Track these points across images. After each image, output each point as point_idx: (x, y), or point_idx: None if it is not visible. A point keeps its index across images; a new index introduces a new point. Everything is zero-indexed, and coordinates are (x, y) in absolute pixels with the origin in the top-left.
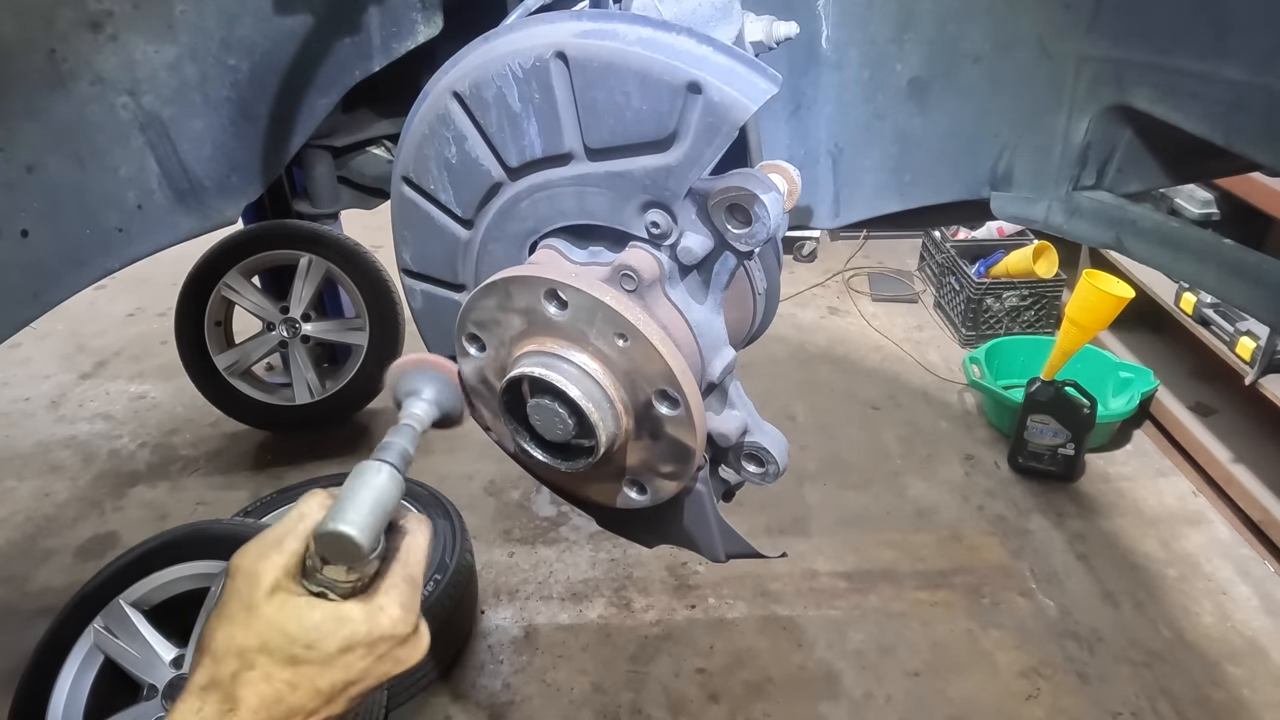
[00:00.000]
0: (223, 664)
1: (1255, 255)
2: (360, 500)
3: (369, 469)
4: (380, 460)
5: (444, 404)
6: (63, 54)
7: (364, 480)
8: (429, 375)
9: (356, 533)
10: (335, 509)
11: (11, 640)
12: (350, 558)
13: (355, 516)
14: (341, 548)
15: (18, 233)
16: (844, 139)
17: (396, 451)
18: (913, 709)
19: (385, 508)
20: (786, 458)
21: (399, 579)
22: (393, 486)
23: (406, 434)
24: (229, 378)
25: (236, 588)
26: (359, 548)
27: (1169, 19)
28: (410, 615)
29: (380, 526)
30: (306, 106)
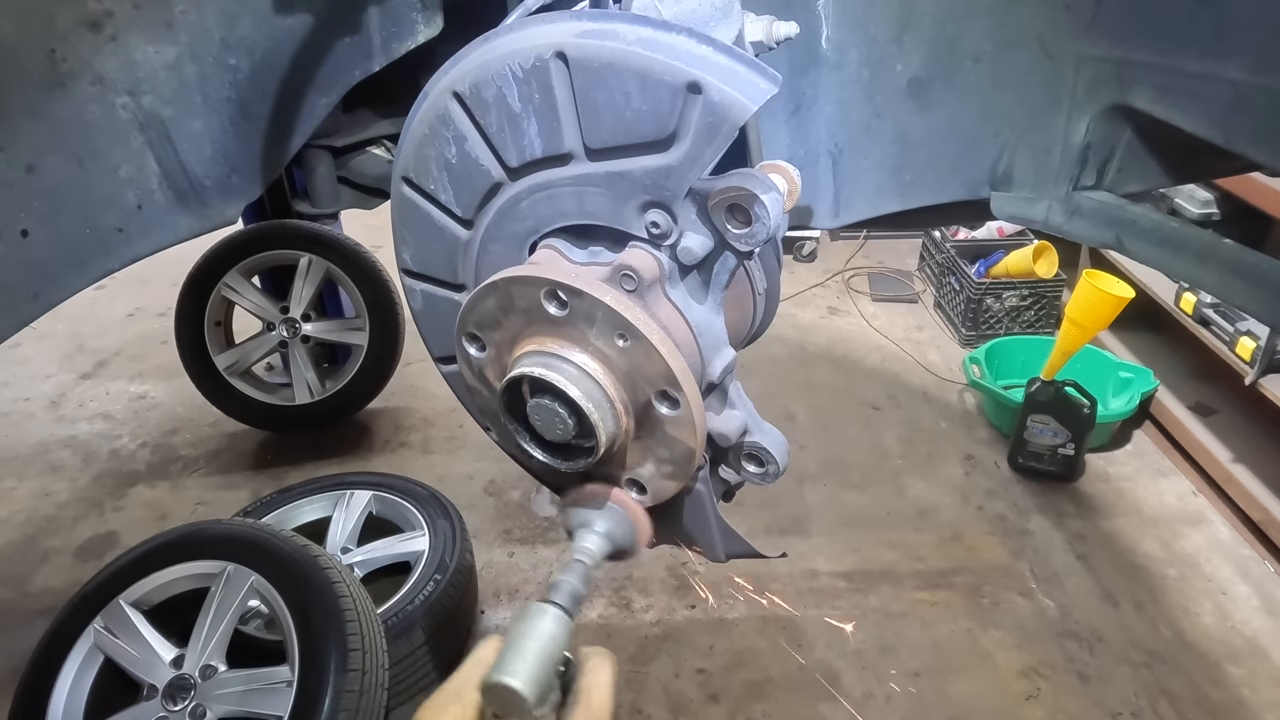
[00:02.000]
0: None
1: (1255, 255)
2: (524, 649)
3: (535, 613)
4: (549, 603)
5: (617, 538)
6: (63, 54)
7: (529, 626)
8: (603, 508)
9: (520, 685)
10: (500, 659)
11: (11, 640)
12: (517, 710)
13: (520, 667)
14: (507, 701)
15: (18, 233)
16: (844, 139)
17: (566, 593)
18: (913, 709)
19: (551, 656)
20: (786, 458)
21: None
22: (560, 632)
23: (577, 572)
24: (229, 378)
25: None
26: (523, 701)
27: (1169, 19)
28: None
29: (547, 675)
30: (306, 106)
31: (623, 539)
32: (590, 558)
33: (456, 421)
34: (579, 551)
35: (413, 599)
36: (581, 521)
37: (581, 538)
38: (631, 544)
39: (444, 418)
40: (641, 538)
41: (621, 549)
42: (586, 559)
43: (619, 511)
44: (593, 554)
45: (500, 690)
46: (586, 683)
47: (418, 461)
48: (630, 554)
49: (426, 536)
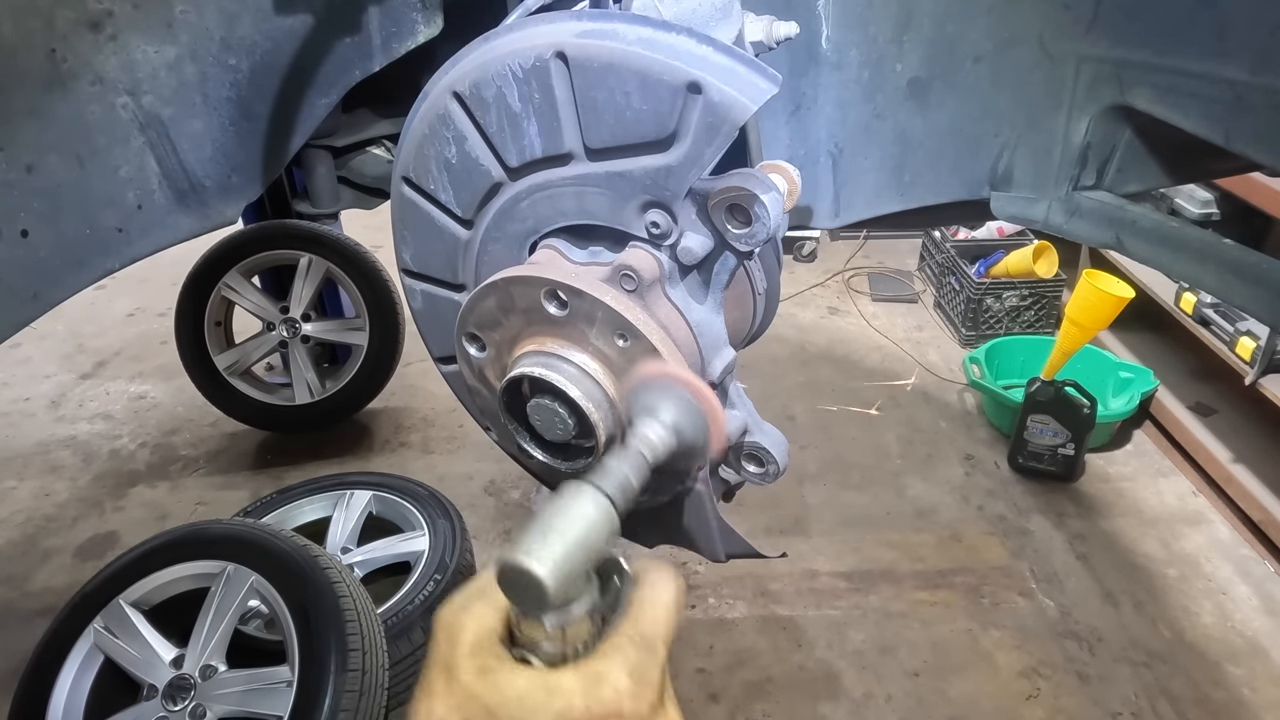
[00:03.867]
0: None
1: (1255, 255)
2: (550, 529)
3: (573, 492)
4: (589, 482)
5: (686, 433)
6: (63, 54)
7: (562, 505)
8: (673, 393)
9: (539, 568)
10: (521, 538)
11: (11, 640)
12: (538, 604)
13: (540, 548)
14: (526, 591)
15: (18, 233)
16: (844, 139)
17: (614, 480)
18: (913, 709)
19: (588, 546)
20: (786, 458)
21: (625, 639)
22: (602, 520)
23: (632, 461)
24: (229, 378)
25: (438, 647)
26: (542, 589)
27: (1169, 19)
28: (645, 689)
29: (579, 568)
30: (306, 106)
31: (693, 434)
32: (651, 450)
33: (456, 421)
34: (638, 439)
35: (413, 599)
36: (644, 407)
37: (642, 424)
38: (703, 443)
39: (444, 418)
40: (716, 438)
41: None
42: (647, 450)
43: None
44: (653, 445)
45: (516, 574)
46: (642, 596)
47: (418, 461)
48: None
49: (426, 536)
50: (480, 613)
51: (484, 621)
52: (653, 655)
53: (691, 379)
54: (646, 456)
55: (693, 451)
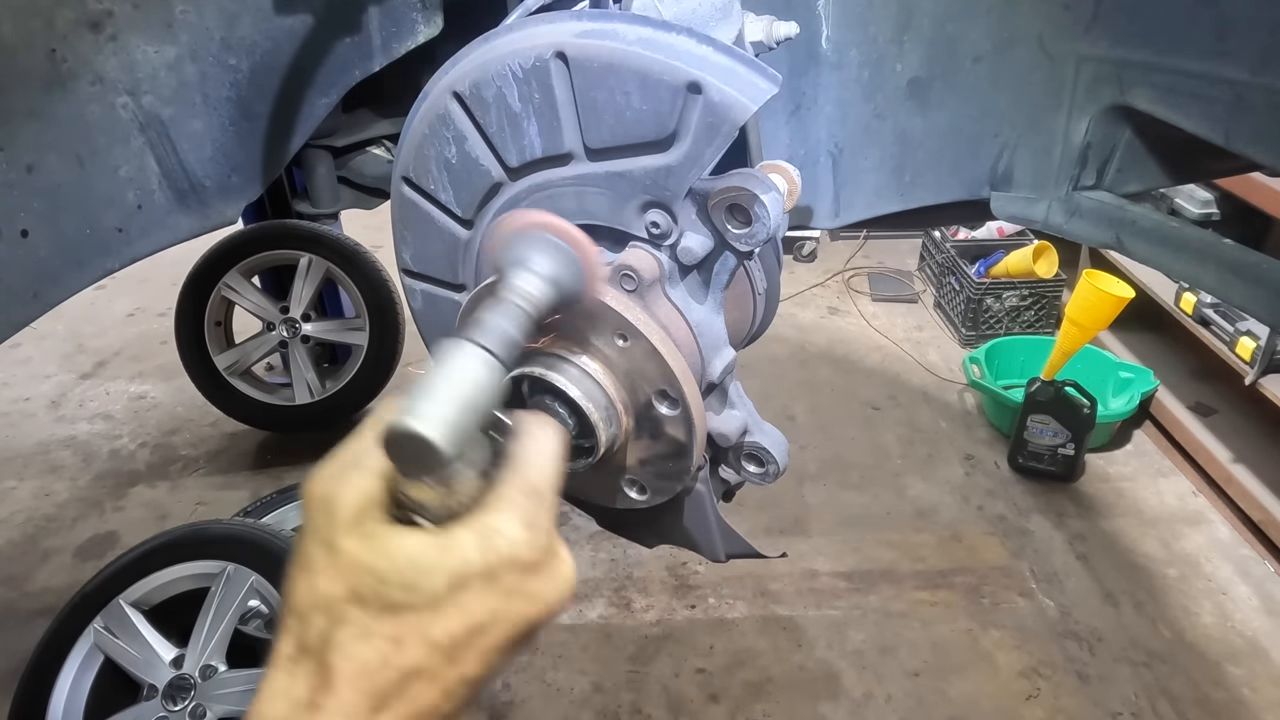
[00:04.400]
0: (309, 623)
1: (1255, 255)
2: (437, 390)
3: (454, 349)
4: (470, 339)
5: (562, 281)
6: (63, 54)
7: (446, 367)
8: (546, 243)
9: (430, 430)
10: (407, 401)
11: (11, 640)
12: (429, 466)
13: (429, 409)
14: (416, 454)
15: (18, 233)
16: (844, 139)
17: (496, 335)
18: (913, 709)
19: (474, 403)
20: (786, 458)
21: (514, 490)
22: (486, 376)
23: (510, 314)
24: (229, 378)
25: (312, 522)
26: (436, 452)
27: (1169, 19)
28: (537, 534)
29: (468, 425)
30: (306, 106)
31: (569, 281)
32: (529, 302)
33: None
34: (512, 290)
35: None
36: (516, 258)
37: (515, 275)
38: (579, 288)
39: None
40: (590, 279)
41: (568, 295)
42: (524, 303)
43: (563, 247)
44: (531, 297)
45: (405, 438)
46: (524, 447)
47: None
48: (576, 300)
49: None
50: (356, 482)
51: (362, 490)
52: (541, 503)
53: (559, 223)
54: (525, 309)
55: (570, 298)
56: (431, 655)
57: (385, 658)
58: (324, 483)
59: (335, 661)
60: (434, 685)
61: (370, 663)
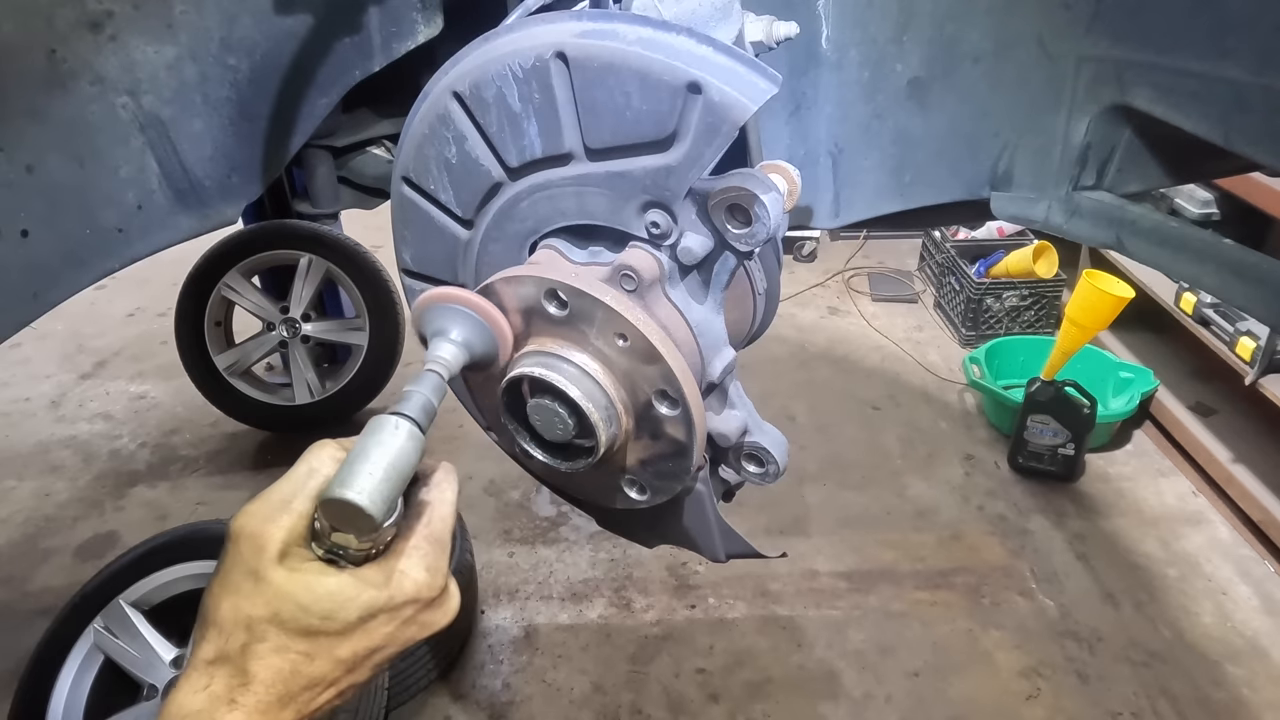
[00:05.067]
0: (231, 637)
1: (1255, 255)
2: (372, 463)
3: (384, 425)
4: (398, 414)
5: (475, 346)
6: (63, 54)
7: (378, 439)
8: (457, 312)
9: (367, 502)
10: (343, 472)
11: (11, 640)
12: (360, 528)
13: (366, 483)
14: (349, 517)
15: (18, 233)
16: (844, 139)
17: (417, 404)
18: (913, 709)
19: (401, 472)
20: (786, 458)
21: (422, 539)
22: (411, 447)
23: (429, 383)
24: (229, 378)
25: (241, 554)
26: (369, 519)
27: (1169, 19)
28: (436, 578)
29: (395, 493)
30: (306, 106)
31: (482, 348)
32: (445, 368)
33: (456, 421)
34: (432, 361)
35: None
36: (436, 329)
37: (436, 346)
38: (493, 354)
39: (444, 418)
40: (503, 347)
41: (481, 358)
42: (441, 369)
43: (474, 318)
44: (448, 364)
45: (343, 506)
46: (430, 498)
47: None
48: (491, 366)
49: None
50: (285, 522)
51: (290, 529)
52: (442, 550)
53: (469, 296)
54: (442, 374)
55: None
56: (335, 668)
57: (296, 668)
58: (255, 520)
59: (253, 668)
60: (333, 689)
61: (284, 671)
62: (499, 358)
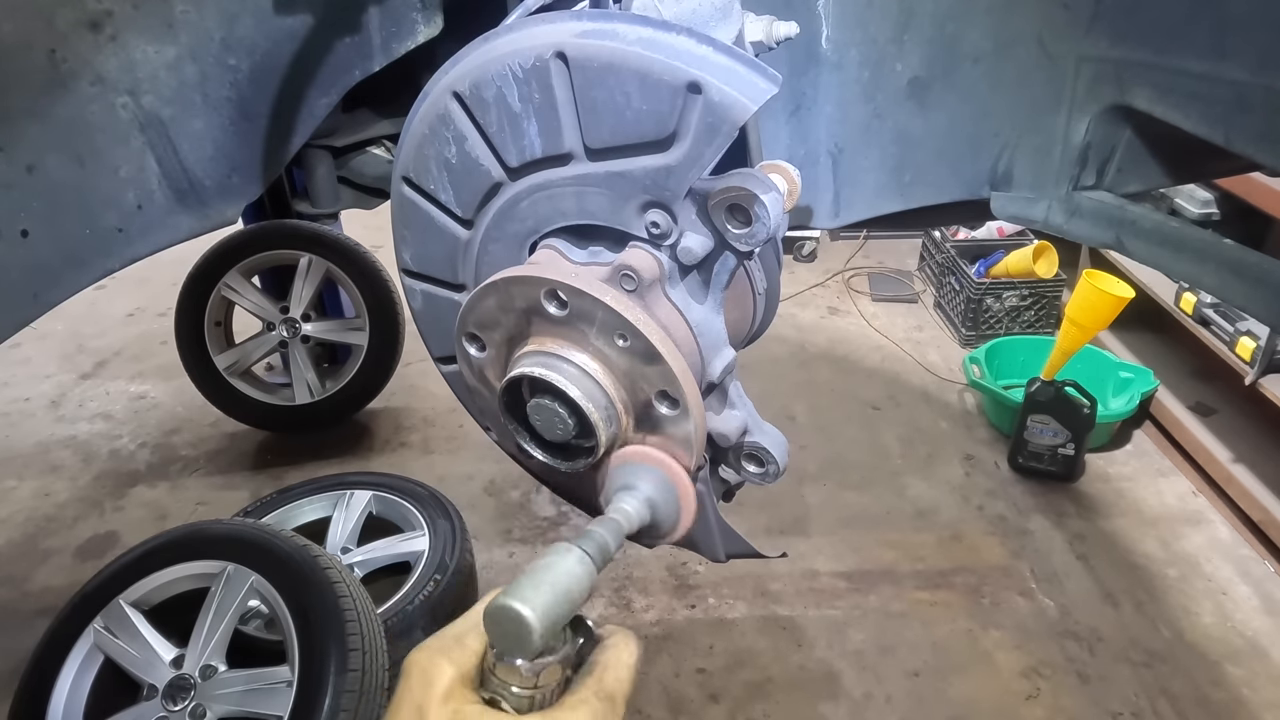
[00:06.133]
0: None
1: (1255, 255)
2: (540, 580)
3: (558, 550)
4: (574, 544)
5: (659, 509)
6: (63, 54)
7: (549, 561)
8: (649, 472)
9: (529, 613)
10: (513, 585)
11: (11, 640)
12: (520, 646)
13: (532, 595)
14: (510, 630)
15: (18, 233)
16: (844, 139)
17: (595, 541)
18: (913, 709)
19: (569, 595)
20: (786, 458)
21: (590, 694)
22: (583, 574)
23: (610, 527)
24: (229, 378)
25: (410, 688)
26: (530, 631)
27: (1169, 19)
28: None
29: (561, 616)
30: (306, 106)
31: (664, 512)
32: (626, 519)
33: (456, 421)
34: (616, 510)
35: (413, 599)
36: (624, 483)
37: (621, 499)
38: (673, 521)
39: (444, 418)
40: (685, 517)
41: (660, 524)
42: (623, 519)
43: (666, 480)
44: (629, 515)
45: (506, 615)
46: (606, 657)
47: (418, 461)
48: (666, 535)
49: (426, 536)
50: (457, 658)
51: (460, 667)
52: (612, 709)
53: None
54: (623, 525)
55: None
56: None
57: None
58: (426, 654)
59: None
60: None
61: None
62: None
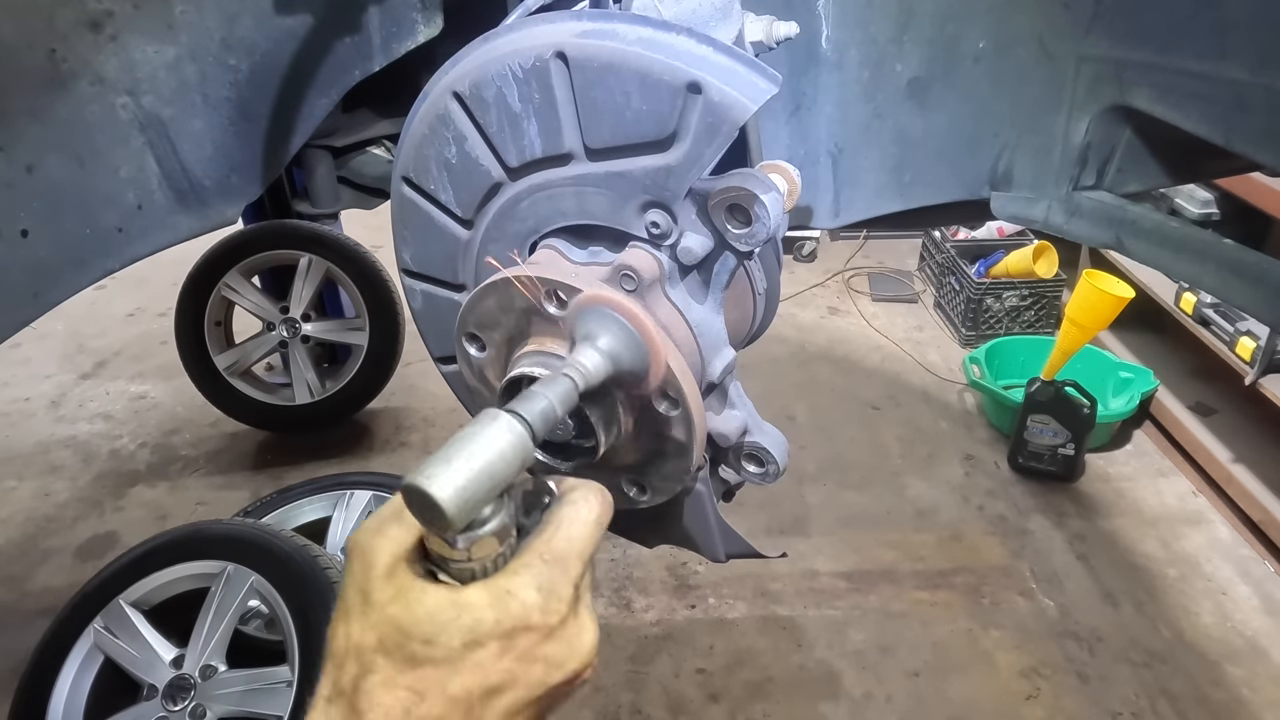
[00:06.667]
0: (343, 668)
1: (1255, 255)
2: (452, 454)
3: (488, 419)
4: (512, 412)
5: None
6: (63, 54)
7: (471, 431)
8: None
9: (435, 490)
10: (427, 461)
11: (11, 640)
12: (438, 525)
13: (443, 473)
14: (425, 509)
15: (18, 233)
16: (844, 139)
17: (535, 407)
18: (913, 709)
19: (490, 470)
20: (786, 458)
21: (535, 556)
22: (508, 446)
23: (558, 388)
24: (229, 378)
25: (353, 571)
26: (441, 512)
27: (1169, 19)
28: (552, 601)
29: (483, 494)
30: (306, 106)
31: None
32: (582, 375)
33: (456, 421)
34: (570, 365)
35: None
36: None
37: (579, 351)
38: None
39: (444, 418)
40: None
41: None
42: (576, 377)
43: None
44: (585, 371)
45: (416, 495)
46: (560, 515)
47: (418, 461)
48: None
49: None
50: (394, 535)
51: (398, 543)
52: (563, 570)
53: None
54: (577, 382)
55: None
56: (450, 710)
57: (407, 709)
58: (366, 534)
59: (363, 706)
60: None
61: (393, 711)
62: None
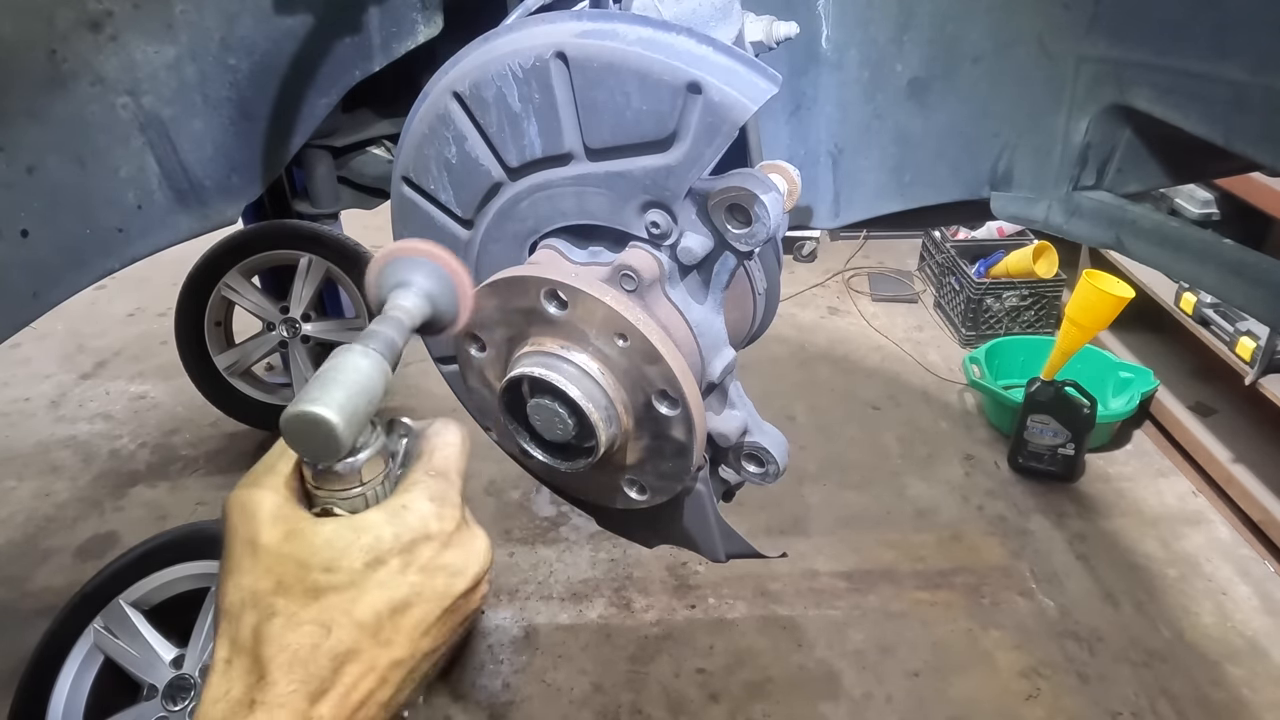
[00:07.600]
0: (241, 622)
1: (1255, 255)
2: (327, 380)
3: (339, 351)
4: (354, 343)
5: (438, 300)
6: (63, 54)
7: (334, 363)
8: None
9: (323, 409)
10: (303, 392)
11: (11, 640)
12: (328, 448)
13: (321, 394)
14: (313, 436)
15: (18, 233)
16: (844, 139)
17: (379, 338)
18: (913, 709)
19: (363, 387)
20: (786, 458)
21: (422, 474)
22: (370, 367)
23: (392, 323)
24: (229, 378)
25: (234, 528)
26: (331, 428)
27: (1169, 19)
28: (445, 508)
29: (360, 409)
30: (306, 106)
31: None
32: (408, 315)
33: None
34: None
35: None
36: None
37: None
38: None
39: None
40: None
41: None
42: (404, 315)
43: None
44: (410, 311)
45: (304, 421)
46: (430, 442)
47: None
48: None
49: None
50: (271, 483)
51: (277, 491)
52: (449, 483)
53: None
54: (404, 320)
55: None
56: (360, 636)
57: (315, 643)
58: (242, 491)
59: (267, 654)
60: (367, 670)
61: (301, 650)
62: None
